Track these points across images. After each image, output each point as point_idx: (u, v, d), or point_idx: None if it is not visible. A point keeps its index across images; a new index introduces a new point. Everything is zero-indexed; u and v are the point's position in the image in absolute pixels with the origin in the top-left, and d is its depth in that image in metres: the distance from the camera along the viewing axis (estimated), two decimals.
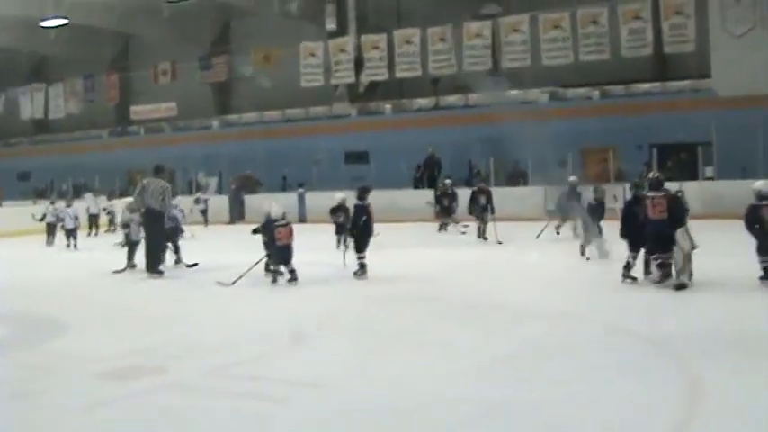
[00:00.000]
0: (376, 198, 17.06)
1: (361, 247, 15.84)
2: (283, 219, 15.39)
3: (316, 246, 17.56)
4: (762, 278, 13.16)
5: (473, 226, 23.21)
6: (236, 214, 34.53)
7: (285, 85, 37.75)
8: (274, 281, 15.13)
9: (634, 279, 13.83)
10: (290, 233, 15.24)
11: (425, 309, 12.54)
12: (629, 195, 15.44)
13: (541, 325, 11.09)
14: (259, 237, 15.76)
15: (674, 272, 13.27)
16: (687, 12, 29.46)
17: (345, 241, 16.95)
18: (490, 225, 21.95)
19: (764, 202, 13.17)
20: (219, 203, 34.81)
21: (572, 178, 21.61)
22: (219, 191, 37.95)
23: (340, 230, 18.81)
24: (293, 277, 15.04)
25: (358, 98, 38.38)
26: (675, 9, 29.70)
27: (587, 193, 18.97)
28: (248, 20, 42.27)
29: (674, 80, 32.28)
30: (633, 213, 14.07)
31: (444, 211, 25.74)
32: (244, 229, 17.89)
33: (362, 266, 15.82)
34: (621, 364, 8.73)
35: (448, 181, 26.52)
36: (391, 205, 29.09)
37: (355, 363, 9.21)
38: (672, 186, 14.71)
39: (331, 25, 37.50)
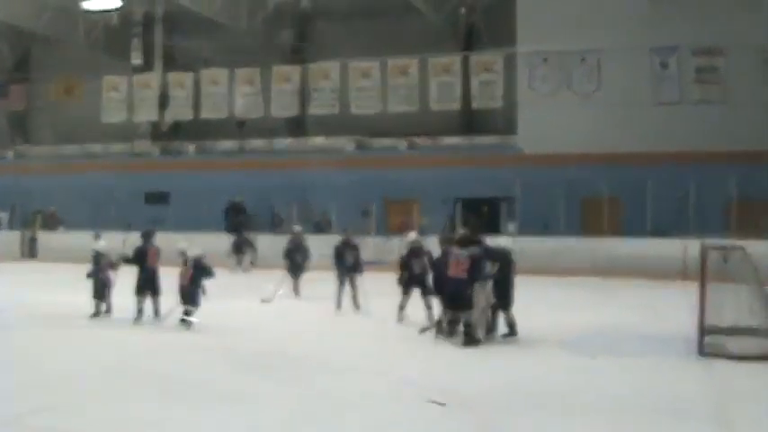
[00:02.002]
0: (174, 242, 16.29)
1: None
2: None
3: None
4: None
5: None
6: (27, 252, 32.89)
7: (86, 118, 35.64)
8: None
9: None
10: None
11: (222, 358, 12.12)
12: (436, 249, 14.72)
13: (340, 378, 10.89)
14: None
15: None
16: (496, 69, 29.14)
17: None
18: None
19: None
20: (10, 239, 33.08)
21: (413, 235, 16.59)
22: (10, 226, 35.35)
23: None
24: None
25: (161, 137, 36.95)
26: (485, 66, 29.36)
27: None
28: (51, 48, 39.84)
29: (481, 135, 32.24)
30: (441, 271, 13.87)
31: (296, 269, 20.04)
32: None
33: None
34: (416, 420, 8.73)
35: (297, 227, 21.63)
36: None
37: (152, 415, 8.79)
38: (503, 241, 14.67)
39: (137, 60, 35.95)
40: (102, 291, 15.72)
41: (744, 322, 12.81)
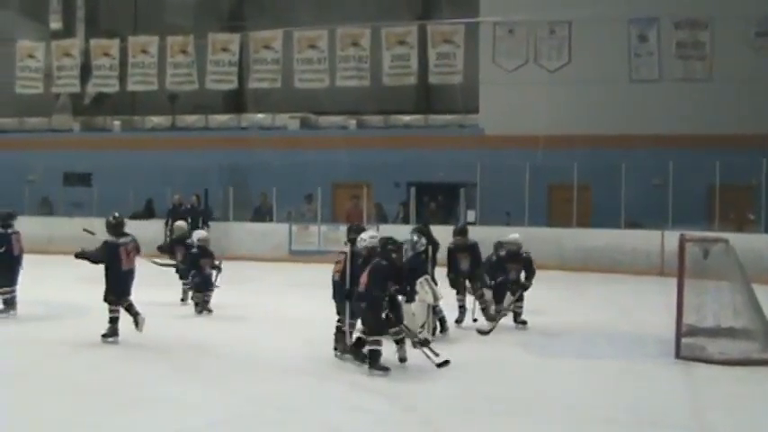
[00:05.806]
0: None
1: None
2: None
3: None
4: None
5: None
6: None
7: None
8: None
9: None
10: None
11: (144, 359, 12.03)
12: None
13: (277, 380, 10.87)
14: None
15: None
16: (456, 41, 28.69)
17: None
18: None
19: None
20: None
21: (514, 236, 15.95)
22: None
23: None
24: None
25: (83, 111, 36.42)
26: (444, 37, 28.90)
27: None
28: None
29: (439, 114, 32.20)
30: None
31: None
32: None
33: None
34: (362, 427, 8.80)
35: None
36: None
37: (64, 425, 8.68)
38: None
39: (55, 24, 35.29)
40: None
41: (726, 323, 12.74)
